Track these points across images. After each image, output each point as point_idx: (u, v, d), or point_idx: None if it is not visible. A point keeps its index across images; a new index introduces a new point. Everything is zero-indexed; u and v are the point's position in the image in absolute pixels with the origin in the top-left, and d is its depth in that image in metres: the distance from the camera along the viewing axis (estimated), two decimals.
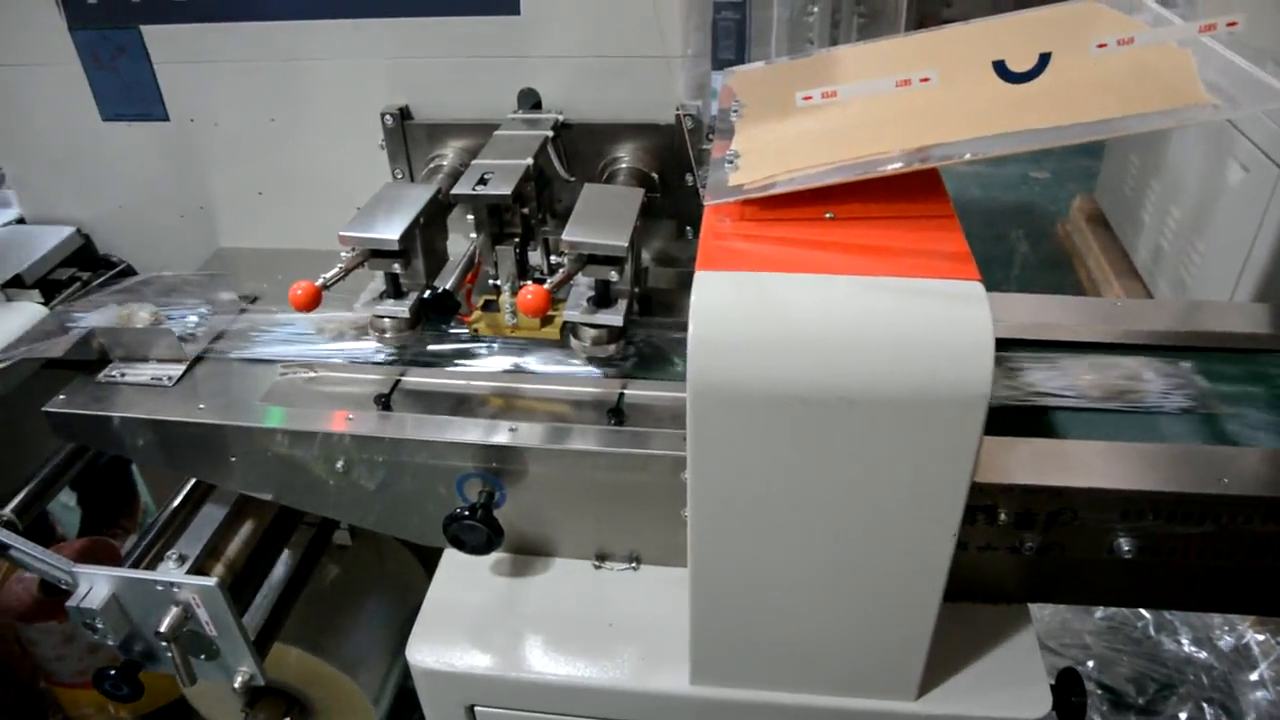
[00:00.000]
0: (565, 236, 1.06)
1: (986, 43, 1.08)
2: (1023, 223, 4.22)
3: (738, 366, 0.77)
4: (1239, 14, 0.78)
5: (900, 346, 0.76)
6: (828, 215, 0.89)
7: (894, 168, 0.85)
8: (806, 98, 0.83)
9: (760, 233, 0.88)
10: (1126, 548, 1.03)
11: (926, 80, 0.82)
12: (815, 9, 3.12)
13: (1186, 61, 0.90)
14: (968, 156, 0.84)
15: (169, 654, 1.15)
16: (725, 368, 0.77)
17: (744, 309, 0.78)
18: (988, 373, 0.75)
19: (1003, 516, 1.02)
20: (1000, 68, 0.83)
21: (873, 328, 0.77)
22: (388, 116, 1.35)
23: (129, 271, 1.57)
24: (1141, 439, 1.11)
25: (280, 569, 1.41)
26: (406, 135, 1.37)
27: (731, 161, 0.95)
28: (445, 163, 1.35)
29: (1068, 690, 1.08)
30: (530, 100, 1.34)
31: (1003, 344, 1.29)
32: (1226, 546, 1.03)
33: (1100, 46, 0.81)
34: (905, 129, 0.90)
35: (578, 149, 1.33)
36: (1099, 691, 1.98)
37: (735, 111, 1.09)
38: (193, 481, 1.31)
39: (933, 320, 0.77)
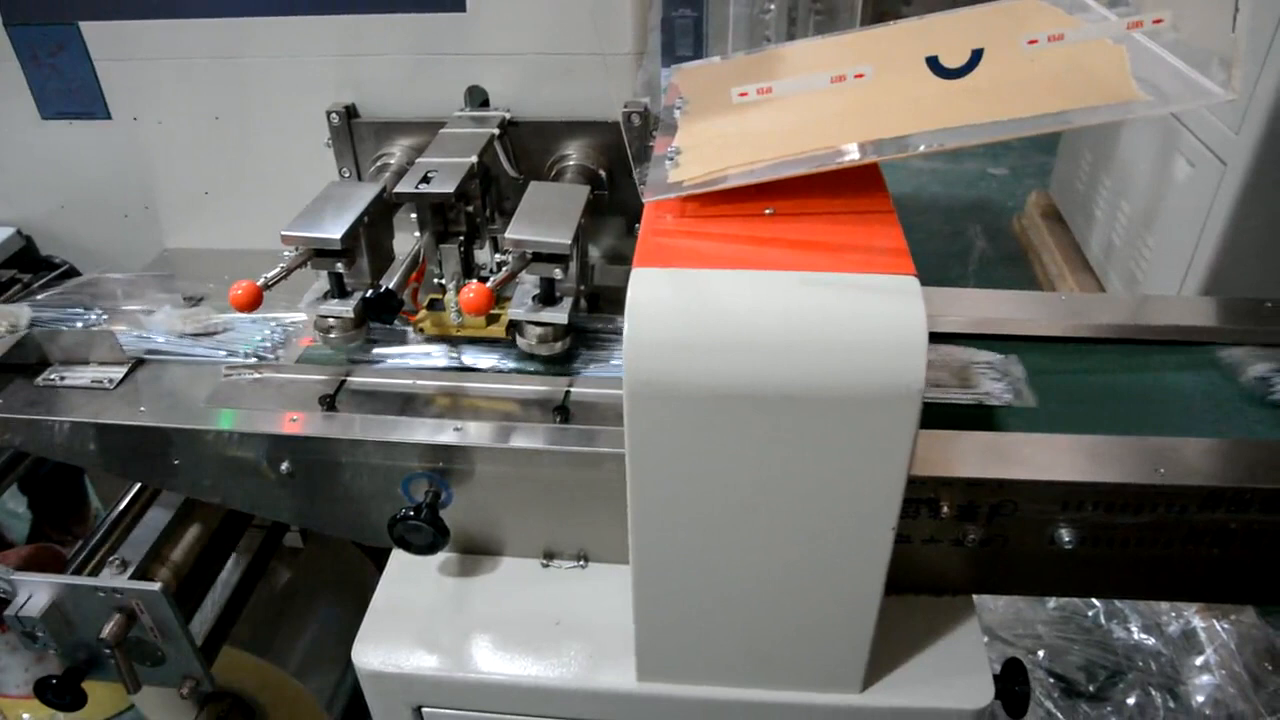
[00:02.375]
0: (508, 234, 1.05)
1: (931, 38, 1.09)
2: (981, 218, 4.27)
3: (674, 363, 0.77)
4: (1165, 11, 0.79)
5: (835, 341, 0.77)
6: (767, 211, 0.90)
7: (828, 165, 0.85)
8: (742, 94, 0.83)
9: (700, 229, 0.88)
10: (1067, 538, 1.04)
11: (861, 76, 0.82)
12: (772, 7, 3.13)
13: (1120, 58, 0.91)
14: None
15: (113, 661, 1.14)
16: (661, 365, 0.77)
17: (680, 306, 0.78)
18: (921, 367, 0.75)
19: (945, 509, 1.03)
20: (933, 63, 0.84)
21: (808, 323, 0.77)
22: (334, 115, 1.34)
23: (72, 273, 1.54)
24: None
25: (229, 572, 1.40)
26: (353, 133, 1.36)
27: (672, 158, 0.95)
28: (392, 161, 1.34)
29: (1012, 680, 1.09)
30: (478, 98, 1.33)
31: (950, 338, 1.31)
32: (1164, 535, 1.05)
33: (1031, 43, 0.82)
34: (844, 125, 0.90)
35: (526, 146, 1.32)
36: (1051, 680, 2.01)
37: (679, 108, 1.09)
38: (138, 485, 1.29)
39: (867, 315, 0.77)
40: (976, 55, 0.83)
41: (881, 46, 1.11)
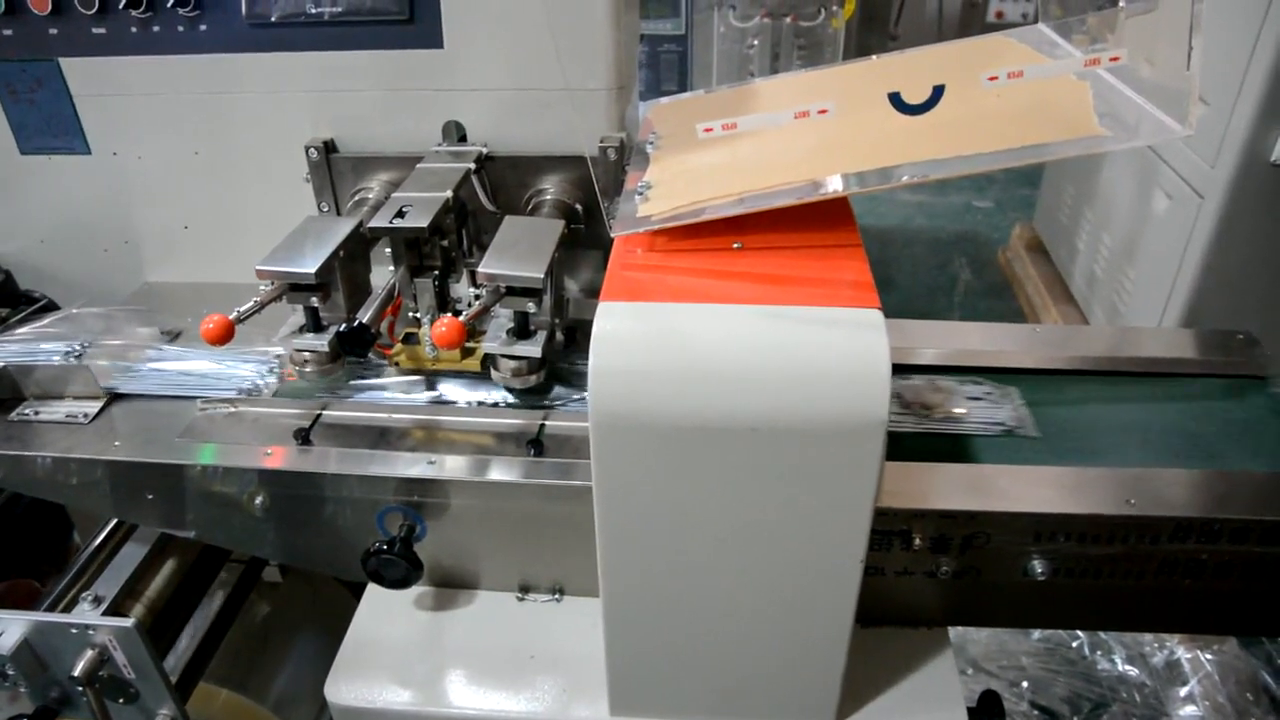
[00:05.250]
0: (482, 269, 1.06)
1: (898, 75, 1.11)
2: (966, 250, 4.30)
3: (639, 396, 0.77)
4: (1122, 49, 0.81)
5: (800, 374, 0.77)
6: (736, 245, 0.90)
7: (793, 200, 0.86)
8: (707, 130, 0.84)
9: (668, 263, 0.89)
10: (1040, 569, 1.04)
11: (825, 112, 0.84)
12: (756, 42, 3.18)
13: (1083, 94, 0.93)
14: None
15: (85, 699, 1.12)
16: (626, 398, 0.77)
17: (645, 339, 0.78)
18: (885, 398, 0.76)
19: (918, 541, 1.03)
20: (895, 99, 0.85)
21: (773, 356, 0.78)
22: (312, 150, 1.35)
23: (51, 307, 1.54)
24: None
25: (207, 607, 1.39)
26: (332, 168, 1.36)
27: (642, 193, 0.96)
28: (371, 195, 1.34)
29: (987, 712, 1.09)
30: (456, 133, 1.34)
31: (922, 370, 1.32)
32: (1136, 566, 1.05)
33: (991, 79, 0.83)
34: (813, 160, 0.92)
35: (503, 181, 1.33)
36: (1035, 713, 2.00)
37: (651, 143, 1.10)
38: (115, 520, 1.29)
39: (832, 348, 0.78)
40: (938, 92, 0.84)
41: (851, 82, 1.12)
